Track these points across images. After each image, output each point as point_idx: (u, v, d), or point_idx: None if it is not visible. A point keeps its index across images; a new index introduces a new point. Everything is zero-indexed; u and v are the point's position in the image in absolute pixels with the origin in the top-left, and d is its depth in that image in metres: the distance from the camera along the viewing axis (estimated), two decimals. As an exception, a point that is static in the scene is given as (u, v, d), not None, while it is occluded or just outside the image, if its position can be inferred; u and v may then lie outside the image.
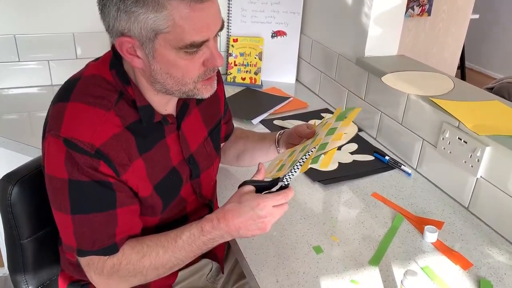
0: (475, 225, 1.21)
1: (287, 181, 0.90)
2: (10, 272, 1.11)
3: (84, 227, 0.87)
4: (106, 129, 0.85)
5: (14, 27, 1.82)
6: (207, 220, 0.89)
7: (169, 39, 0.79)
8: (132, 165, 0.89)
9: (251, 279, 1.01)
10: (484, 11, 4.25)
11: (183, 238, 0.89)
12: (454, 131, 1.26)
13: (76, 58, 1.94)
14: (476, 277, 1.03)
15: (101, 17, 0.83)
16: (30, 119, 1.72)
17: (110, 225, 0.88)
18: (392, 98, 1.51)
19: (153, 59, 0.82)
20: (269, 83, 2.10)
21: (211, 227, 0.88)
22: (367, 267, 1.04)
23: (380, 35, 1.63)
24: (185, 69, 0.84)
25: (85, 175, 0.84)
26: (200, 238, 0.89)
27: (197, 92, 0.89)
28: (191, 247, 0.89)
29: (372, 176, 1.39)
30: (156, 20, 0.77)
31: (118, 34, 0.81)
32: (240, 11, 2.08)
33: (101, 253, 0.89)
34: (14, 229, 1.05)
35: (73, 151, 0.82)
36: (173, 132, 0.98)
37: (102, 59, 0.93)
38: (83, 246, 0.88)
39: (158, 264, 0.90)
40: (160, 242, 0.90)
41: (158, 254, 0.89)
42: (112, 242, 0.88)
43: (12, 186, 1.02)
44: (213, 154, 1.10)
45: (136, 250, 0.90)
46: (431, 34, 2.56)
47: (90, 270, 0.91)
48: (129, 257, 0.89)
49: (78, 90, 0.87)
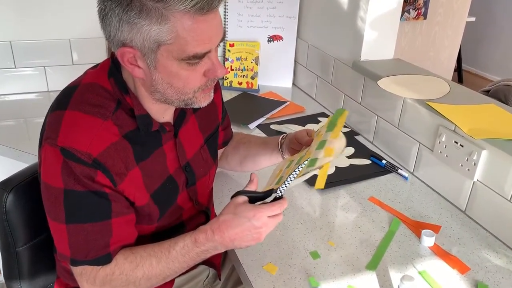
0: (472, 228, 1.21)
1: (280, 192, 0.89)
2: (5, 280, 1.10)
3: (78, 237, 0.86)
4: (104, 138, 0.85)
5: (10, 33, 1.82)
6: (201, 232, 0.89)
7: (172, 50, 0.79)
8: (129, 174, 0.89)
9: (248, 286, 1.01)
10: (480, 13, 4.27)
11: (176, 249, 0.89)
12: (450, 134, 1.26)
13: (73, 64, 1.94)
14: (473, 281, 1.02)
15: (101, 26, 0.82)
16: (26, 126, 1.71)
17: (105, 235, 0.87)
18: (389, 102, 1.51)
19: (155, 70, 0.82)
20: (266, 88, 2.10)
21: (205, 239, 0.88)
22: (364, 271, 1.04)
23: (376, 39, 1.64)
24: (186, 80, 0.84)
25: (80, 185, 0.83)
26: (193, 249, 0.89)
27: (195, 101, 0.89)
28: (184, 258, 0.89)
29: (369, 180, 1.39)
30: (160, 32, 0.77)
31: (120, 44, 0.81)
32: (236, 16, 2.08)
33: (94, 263, 0.88)
34: (10, 236, 1.04)
35: (70, 160, 0.82)
36: (170, 139, 0.98)
37: (100, 67, 0.93)
38: (77, 255, 0.88)
39: (151, 274, 0.89)
40: (154, 252, 0.90)
41: (152, 265, 0.89)
42: (106, 252, 0.88)
43: (7, 194, 1.01)
44: (209, 161, 1.10)
45: (129, 260, 0.89)
46: (427, 37, 2.57)
47: (82, 280, 0.90)
48: (122, 267, 0.89)
49: (76, 98, 0.87)
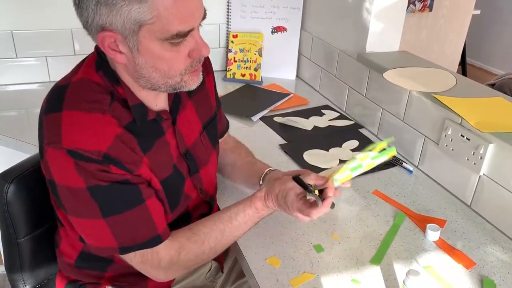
0: (477, 223, 1.19)
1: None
2: (7, 271, 1.10)
3: (121, 226, 0.87)
4: (108, 131, 0.83)
5: (11, 23, 1.80)
6: (257, 199, 0.98)
7: (154, 31, 0.77)
8: (143, 161, 0.88)
9: (251, 278, 1.00)
10: (486, 6, 4.22)
11: (238, 219, 0.97)
12: (456, 128, 1.24)
13: (75, 55, 1.92)
14: (479, 276, 1.01)
15: (77, 13, 0.79)
16: (28, 116, 1.71)
17: (146, 217, 0.88)
18: (394, 94, 1.49)
19: (138, 53, 0.80)
20: (269, 80, 2.08)
21: (263, 205, 0.98)
22: (368, 266, 1.03)
23: (382, 31, 1.62)
24: (171, 61, 0.82)
25: (102, 180, 0.82)
26: (255, 215, 0.99)
27: (184, 85, 0.87)
28: (246, 225, 0.99)
29: (373, 174, 1.38)
30: (140, 11, 0.74)
31: (99, 29, 0.78)
32: (240, 7, 2.06)
33: (145, 246, 0.89)
34: (11, 227, 1.04)
35: (80, 160, 0.80)
36: (170, 127, 0.96)
37: (87, 62, 0.91)
38: (124, 243, 0.88)
39: (217, 246, 0.98)
40: (216, 226, 0.97)
41: (217, 239, 0.96)
42: (155, 234, 0.90)
43: (8, 185, 1.00)
44: (209, 148, 1.08)
45: (193, 240, 0.95)
46: (432, 30, 2.54)
47: (146, 266, 0.93)
48: (187, 247, 0.94)
49: (69, 97, 0.84)
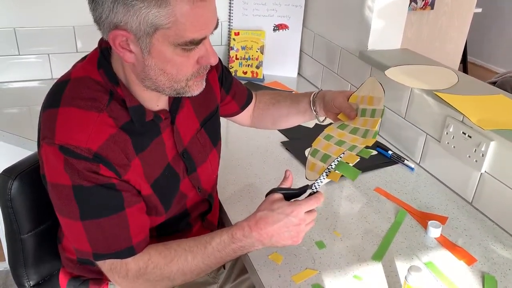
0: (479, 220, 1.20)
1: (315, 188, 0.91)
2: (11, 267, 1.10)
3: (96, 232, 0.85)
4: (102, 131, 0.83)
5: (14, 20, 1.81)
6: (238, 228, 0.89)
7: (169, 35, 0.77)
8: (131, 165, 0.87)
9: (253, 275, 1.01)
10: (487, 5, 4.22)
11: (212, 244, 0.89)
12: (458, 125, 1.25)
13: (77, 52, 1.93)
14: (480, 273, 1.02)
15: (91, 7, 0.80)
16: (30, 113, 1.71)
17: (123, 227, 0.86)
18: (395, 92, 1.49)
19: (149, 55, 0.80)
20: (271, 77, 2.09)
21: (242, 235, 0.88)
22: (370, 262, 1.03)
23: (383, 29, 1.62)
24: (180, 66, 0.82)
25: (87, 180, 0.82)
26: (230, 245, 0.89)
27: (188, 90, 0.87)
28: (220, 254, 0.89)
29: (375, 171, 1.38)
30: (158, 16, 0.75)
31: (112, 27, 0.79)
32: (242, 4, 2.06)
33: (118, 256, 0.88)
34: (14, 223, 1.04)
35: (70, 157, 0.80)
36: (167, 127, 0.96)
37: (88, 59, 0.91)
38: (98, 250, 0.87)
39: (186, 269, 0.89)
40: (189, 247, 0.90)
41: (187, 260, 0.89)
42: (129, 245, 0.87)
43: (12, 181, 1.01)
44: (208, 145, 1.07)
45: (164, 255, 0.89)
46: (434, 27, 2.54)
47: (113, 275, 0.90)
48: (156, 261, 0.89)
49: (67, 94, 0.85)
